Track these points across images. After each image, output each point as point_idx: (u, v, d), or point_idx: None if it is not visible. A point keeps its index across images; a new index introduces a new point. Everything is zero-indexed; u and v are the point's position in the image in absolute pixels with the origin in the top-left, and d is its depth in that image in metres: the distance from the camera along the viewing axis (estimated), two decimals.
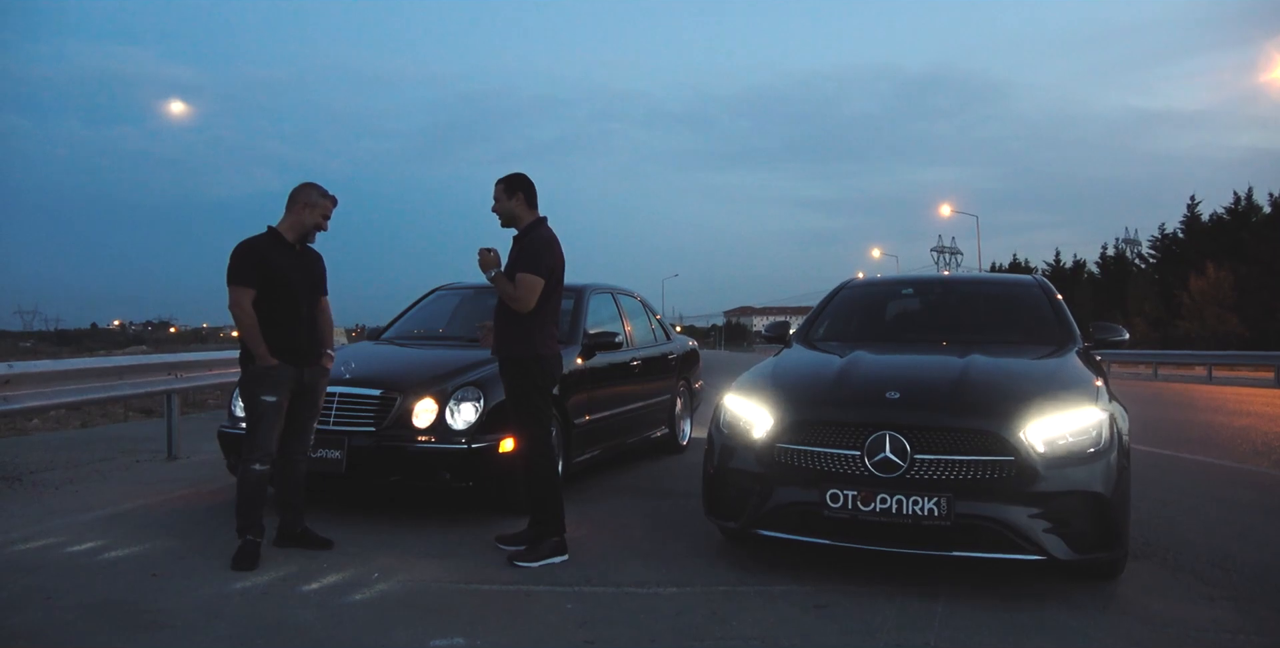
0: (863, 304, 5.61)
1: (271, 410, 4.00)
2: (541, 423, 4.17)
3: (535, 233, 4.26)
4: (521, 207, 4.28)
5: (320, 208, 4.16)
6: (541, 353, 4.15)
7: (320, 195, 4.18)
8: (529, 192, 4.30)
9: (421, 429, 4.64)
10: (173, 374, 6.89)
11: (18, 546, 4.16)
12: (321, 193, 4.19)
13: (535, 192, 4.34)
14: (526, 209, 4.29)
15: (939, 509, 3.45)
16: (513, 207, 4.28)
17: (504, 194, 4.29)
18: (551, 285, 4.18)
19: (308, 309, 4.18)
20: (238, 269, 4.01)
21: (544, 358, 4.16)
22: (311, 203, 4.15)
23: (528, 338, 4.14)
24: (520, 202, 4.27)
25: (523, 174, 4.36)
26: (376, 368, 5.06)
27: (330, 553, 4.07)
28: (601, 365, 5.95)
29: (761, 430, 3.87)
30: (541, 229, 4.28)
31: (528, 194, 4.30)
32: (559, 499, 4.14)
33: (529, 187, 4.31)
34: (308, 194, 4.16)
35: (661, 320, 7.74)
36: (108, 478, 6.00)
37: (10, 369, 5.02)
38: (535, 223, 4.29)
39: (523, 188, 4.30)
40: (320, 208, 4.16)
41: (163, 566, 3.84)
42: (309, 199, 4.15)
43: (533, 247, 4.18)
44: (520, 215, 4.28)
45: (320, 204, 4.16)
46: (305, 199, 4.15)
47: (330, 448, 4.58)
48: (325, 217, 4.19)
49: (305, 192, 4.17)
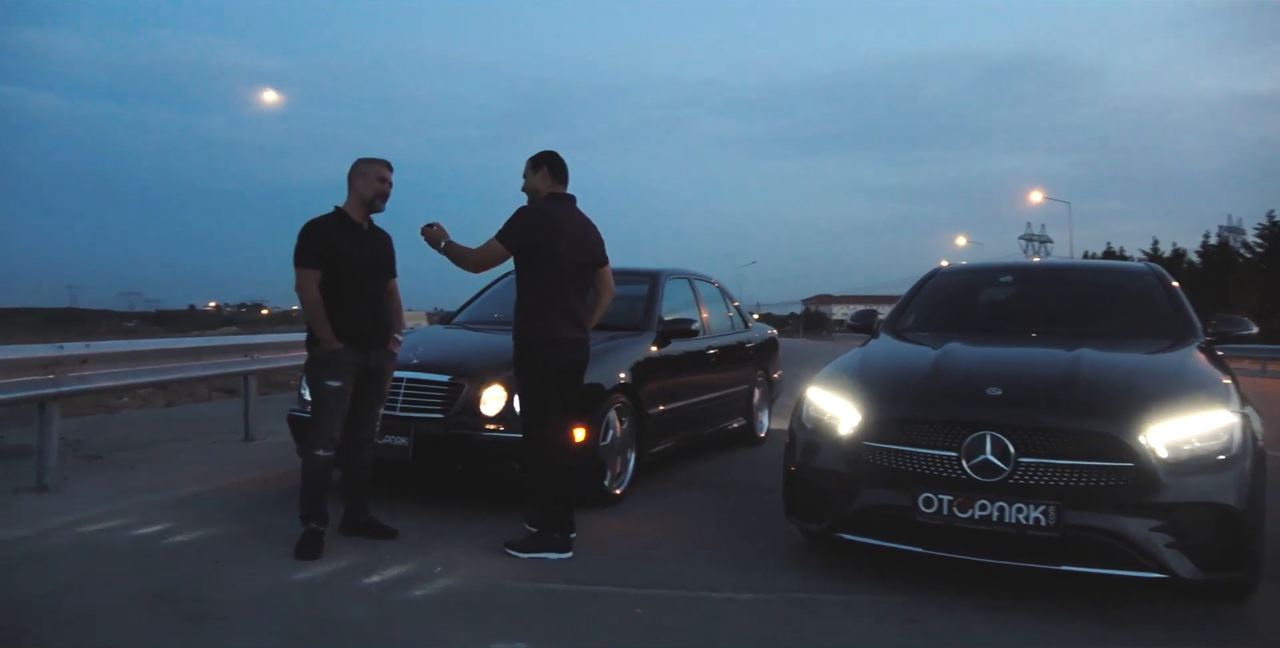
0: (957, 292, 5.24)
1: (335, 396, 3.88)
2: (546, 411, 3.95)
3: (534, 205, 4.07)
4: (545, 181, 4.09)
5: (372, 173, 4.01)
6: (548, 337, 3.93)
7: (367, 163, 4.04)
8: (555, 167, 4.10)
9: (490, 417, 4.48)
10: (248, 356, 6.89)
11: (86, 526, 4.13)
12: (370, 160, 4.05)
13: (563, 169, 4.13)
14: (549, 184, 4.09)
15: (1046, 519, 3.13)
16: (536, 181, 4.09)
17: (530, 170, 4.11)
18: (543, 261, 3.95)
19: (374, 292, 4.04)
20: (303, 250, 3.90)
21: (551, 342, 3.94)
22: (362, 172, 4.01)
23: (533, 321, 3.96)
24: (544, 176, 4.08)
25: (552, 151, 4.17)
26: (445, 353, 4.92)
27: (393, 544, 3.94)
28: (676, 354, 5.71)
29: (847, 427, 3.59)
30: (545, 202, 4.07)
31: (553, 169, 4.10)
32: (567, 494, 3.94)
33: (555, 162, 4.11)
34: (358, 166, 4.04)
35: (739, 307, 7.46)
36: (183, 459, 6.03)
37: (87, 349, 5.04)
38: (548, 197, 4.09)
39: (548, 162, 4.11)
40: (372, 173, 4.01)
41: (225, 552, 3.76)
42: (359, 170, 4.02)
43: (514, 215, 4.00)
44: (540, 190, 4.09)
45: (370, 170, 4.01)
46: (357, 171, 4.02)
47: (397, 434, 4.46)
48: (381, 179, 4.02)
49: (355, 165, 4.05)
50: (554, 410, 3.97)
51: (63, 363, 4.87)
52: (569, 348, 3.99)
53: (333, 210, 4.02)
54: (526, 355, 3.96)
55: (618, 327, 5.53)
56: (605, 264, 4.26)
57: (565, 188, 4.14)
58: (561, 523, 3.89)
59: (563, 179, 4.12)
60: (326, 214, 4.01)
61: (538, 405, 3.95)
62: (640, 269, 6.21)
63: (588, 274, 4.14)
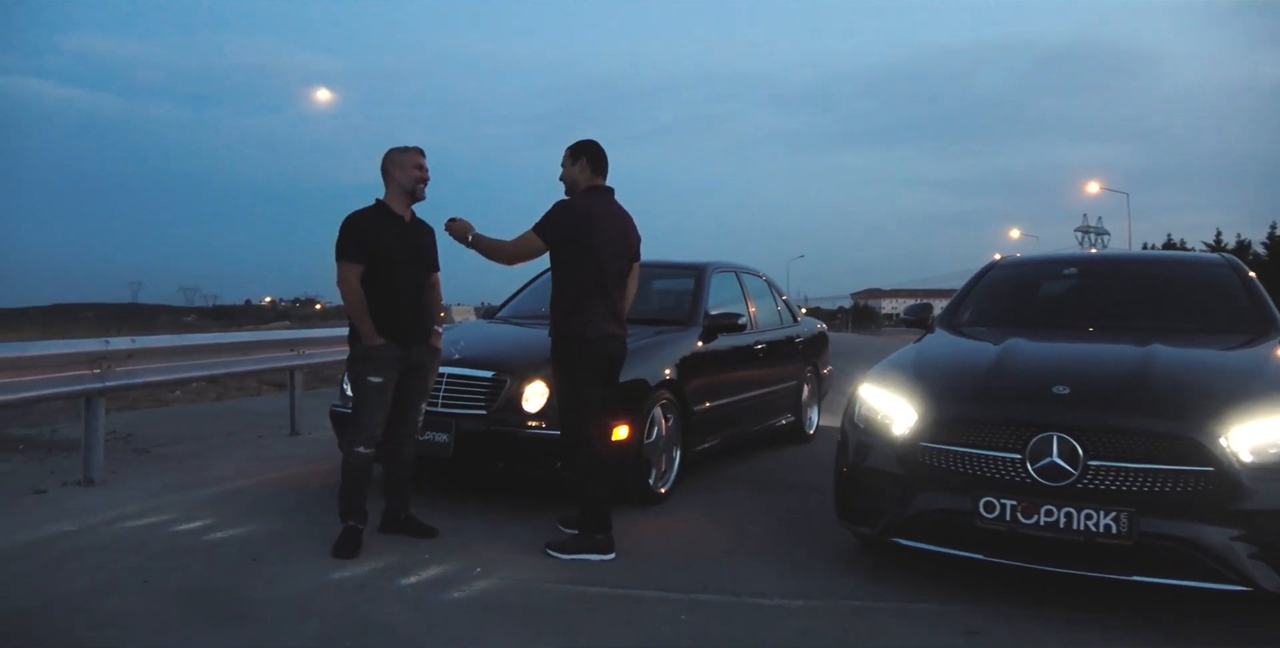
0: (1016, 285, 5.02)
1: (377, 391, 3.80)
2: (584, 408, 3.83)
3: (573, 198, 3.94)
4: (584, 173, 3.96)
5: (408, 162, 3.92)
6: (587, 333, 3.81)
7: (400, 152, 3.95)
8: (594, 158, 3.97)
9: (532, 414, 4.38)
10: (294, 351, 6.90)
11: (130, 522, 4.12)
12: (400, 149, 3.96)
13: (604, 160, 4.00)
14: (588, 176, 3.96)
15: (1118, 526, 2.94)
16: (575, 172, 3.96)
17: (569, 160, 3.99)
18: (580, 255, 3.82)
19: (416, 286, 3.96)
20: (344, 244, 3.82)
21: (590, 338, 3.81)
22: (398, 162, 3.92)
23: (570, 316, 3.84)
24: (583, 167, 3.95)
25: (592, 141, 4.03)
26: (487, 348, 4.83)
27: (433, 543, 3.86)
28: (723, 349, 5.56)
29: (903, 426, 3.43)
30: (583, 195, 3.93)
31: (592, 161, 3.96)
32: (602, 493, 3.81)
33: (594, 153, 3.98)
34: (390, 156, 3.95)
35: (788, 301, 7.28)
36: (229, 453, 6.04)
37: (133, 344, 5.04)
38: (587, 189, 3.95)
39: (587, 153, 3.97)
40: (408, 162, 3.92)
41: (264, 550, 3.71)
42: (394, 160, 3.93)
43: (552, 208, 3.88)
44: (578, 182, 3.96)
45: (403, 159, 3.93)
46: (391, 162, 3.93)
47: (438, 431, 4.38)
48: (417, 167, 3.93)
49: (387, 156, 3.96)
50: (592, 408, 3.85)
51: (108, 358, 4.87)
52: (608, 344, 3.88)
53: (373, 203, 3.94)
54: (564, 351, 3.85)
55: (663, 321, 5.42)
56: (638, 260, 4.14)
57: (604, 180, 4.03)
58: (602, 523, 3.78)
59: (602, 171, 4.01)
60: (367, 207, 3.94)
61: (575, 403, 3.84)
62: (686, 262, 6.07)
63: (625, 269, 4.02)
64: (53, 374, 4.59)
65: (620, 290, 3.98)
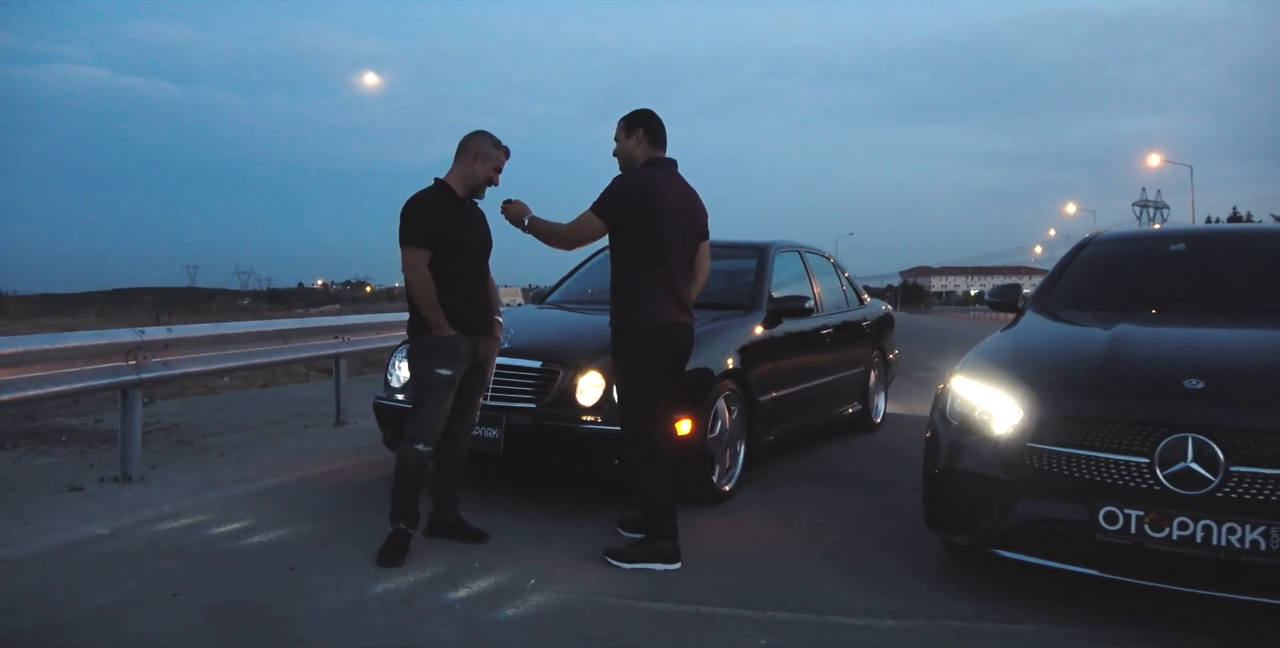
0: (1116, 263, 4.56)
1: (445, 386, 3.54)
2: (648, 404, 3.50)
3: (632, 173, 3.58)
4: (641, 145, 3.60)
5: (493, 160, 3.63)
6: (651, 321, 3.47)
7: (493, 145, 3.63)
8: (651, 128, 3.61)
9: (586, 408, 4.07)
10: (339, 338, 6.68)
11: (165, 523, 3.90)
12: (494, 143, 3.65)
13: (661, 130, 3.63)
14: (646, 148, 3.60)
15: (1267, 542, 2.54)
16: (631, 146, 3.60)
17: (623, 132, 3.63)
18: (643, 236, 3.47)
19: (481, 273, 3.70)
20: (410, 228, 3.52)
21: (655, 327, 3.47)
22: (484, 153, 3.61)
23: (633, 303, 3.49)
24: (640, 139, 3.59)
25: (648, 109, 3.66)
26: (538, 336, 4.52)
27: (483, 548, 3.58)
28: (788, 334, 5.19)
29: (1005, 425, 3.05)
30: (644, 169, 3.57)
31: (650, 131, 3.60)
32: (667, 497, 3.48)
33: (651, 122, 3.61)
34: (479, 143, 3.63)
35: (853, 282, 6.88)
36: (273, 444, 5.83)
37: (170, 333, 4.82)
38: (646, 163, 3.59)
39: (643, 122, 3.61)
40: (493, 160, 3.63)
41: (304, 556, 3.45)
42: (481, 149, 3.61)
43: (610, 185, 3.52)
44: (636, 155, 3.60)
45: (493, 156, 3.62)
46: (478, 149, 3.61)
47: (488, 426, 4.08)
48: (497, 170, 3.66)
49: (477, 140, 3.63)
50: (656, 402, 3.53)
51: (144, 348, 4.66)
52: (675, 333, 3.54)
53: (433, 183, 3.65)
54: (626, 342, 3.53)
55: (723, 305, 5.06)
56: (706, 238, 3.79)
57: (664, 151, 3.67)
58: (667, 530, 3.46)
59: (661, 142, 3.65)
60: (428, 188, 3.64)
61: (638, 397, 3.51)
62: (747, 242, 5.70)
63: (692, 249, 3.67)
64: (86, 367, 4.39)
65: (687, 273, 3.64)
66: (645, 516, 3.53)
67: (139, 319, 21.90)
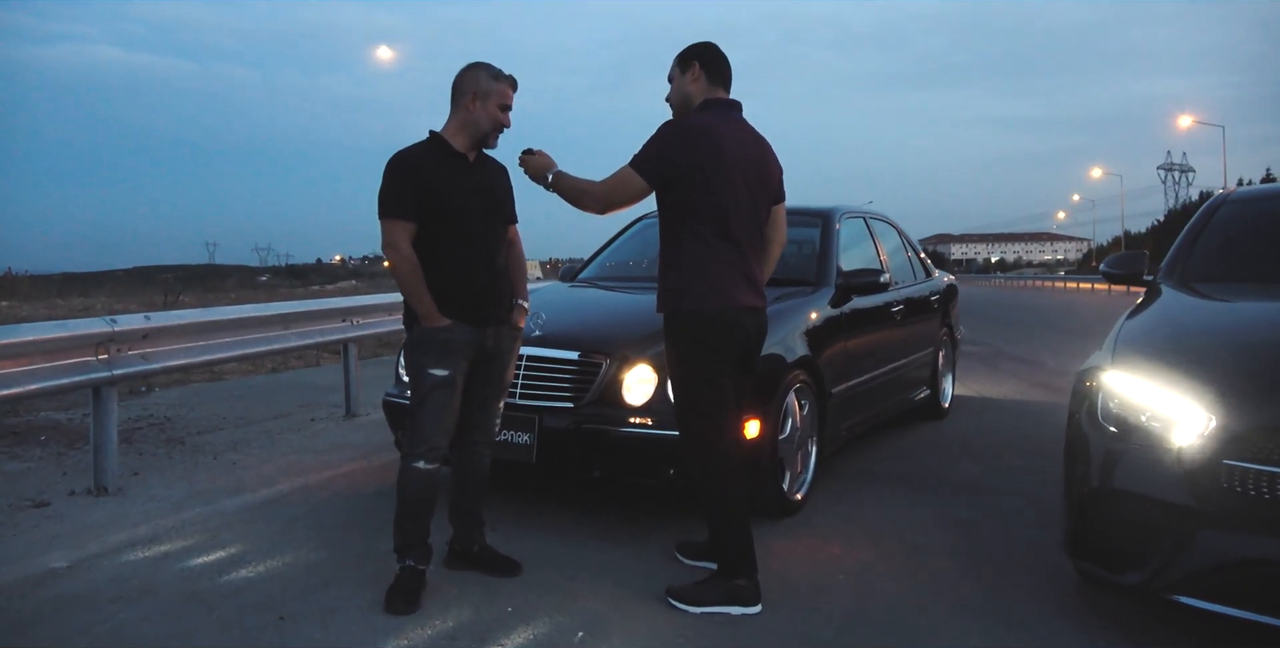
0: (1259, 226, 3.81)
1: (442, 389, 2.84)
2: (713, 405, 2.80)
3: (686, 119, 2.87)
4: (698, 84, 2.88)
5: (496, 96, 2.87)
6: (715, 306, 2.77)
7: (492, 77, 2.88)
8: (711, 63, 2.89)
9: (635, 407, 3.39)
10: (347, 321, 6.03)
11: (136, 552, 3.27)
12: (494, 74, 2.90)
13: (724, 64, 2.92)
14: (704, 87, 2.88)
15: None
16: (686, 85, 2.89)
17: (676, 70, 2.92)
18: (701, 197, 2.76)
19: (491, 245, 2.93)
20: (390, 194, 2.80)
21: (720, 313, 2.77)
22: (483, 91, 2.86)
23: (690, 283, 2.79)
24: (696, 77, 2.88)
25: (707, 42, 2.95)
26: (574, 322, 3.82)
27: (516, 584, 2.93)
28: (859, 313, 4.49)
29: (1190, 435, 2.35)
30: (700, 114, 2.86)
31: (709, 66, 2.89)
32: (742, 524, 2.81)
33: (710, 55, 2.90)
34: (474, 79, 2.88)
35: (918, 250, 6.14)
36: (275, 442, 5.21)
37: (148, 322, 4.17)
38: (703, 105, 2.88)
39: (700, 57, 2.89)
40: (496, 96, 2.87)
41: (297, 601, 2.80)
42: (479, 86, 2.86)
43: (658, 132, 2.80)
44: (692, 97, 2.89)
45: (495, 90, 2.87)
46: (472, 87, 2.87)
47: (517, 430, 3.42)
48: (504, 107, 2.90)
49: (470, 75, 2.89)
50: (723, 407, 2.84)
51: (117, 340, 4.02)
52: (744, 320, 2.84)
53: (427, 137, 2.93)
54: (684, 333, 2.82)
55: (784, 280, 4.33)
56: (782, 201, 3.08)
57: (728, 92, 2.96)
58: (744, 565, 2.79)
59: (723, 79, 2.93)
60: (418, 143, 2.92)
61: (700, 401, 2.82)
62: (806, 207, 4.95)
63: (763, 215, 2.96)
64: (45, 364, 3.75)
65: (757, 246, 2.93)
66: (715, 546, 2.87)
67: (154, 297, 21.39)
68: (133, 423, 5.74)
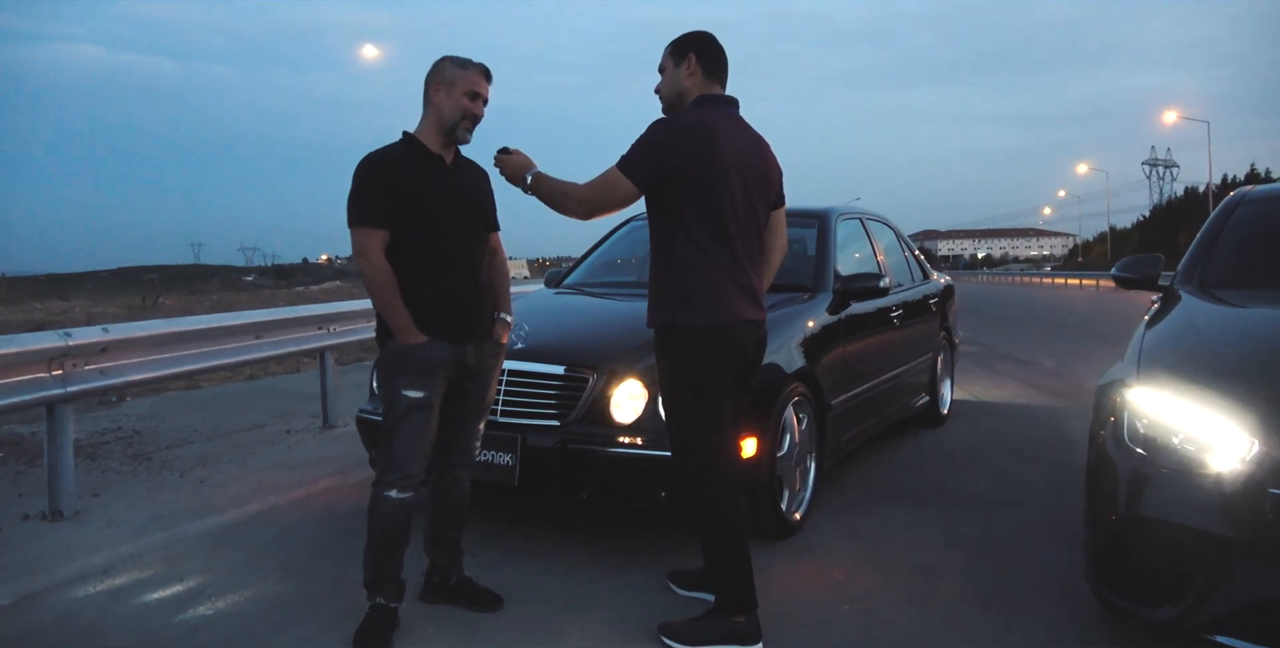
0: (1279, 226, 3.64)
1: (418, 411, 2.61)
2: (707, 424, 2.59)
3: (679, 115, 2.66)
4: (694, 78, 2.66)
5: (463, 83, 2.64)
6: (710, 319, 2.55)
7: (458, 66, 2.66)
8: (707, 55, 2.67)
9: (624, 426, 3.17)
10: (324, 328, 5.79)
11: (89, 585, 3.03)
12: (459, 62, 2.68)
13: (721, 58, 2.70)
14: (700, 81, 2.67)
15: None
16: (680, 78, 2.67)
17: (669, 61, 2.70)
18: (696, 200, 2.54)
19: (471, 253, 2.71)
20: (361, 199, 2.57)
21: (717, 326, 2.56)
22: (447, 80, 2.64)
23: (684, 293, 2.57)
24: (692, 70, 2.66)
25: (705, 32, 2.72)
26: (559, 333, 3.60)
27: (498, 620, 2.72)
28: (858, 318, 4.28)
29: (1230, 459, 2.16)
30: (694, 110, 2.64)
31: (705, 58, 2.67)
32: (741, 556, 2.59)
33: (707, 46, 2.68)
34: (438, 70, 2.66)
35: (916, 253, 5.95)
36: (247, 457, 4.97)
37: (106, 335, 3.92)
38: (698, 102, 2.66)
39: (696, 49, 2.67)
40: (463, 83, 2.64)
41: (259, 641, 2.58)
42: (441, 76, 2.65)
43: (649, 130, 2.57)
44: (687, 91, 2.67)
45: (461, 78, 2.64)
46: (438, 79, 2.65)
47: (498, 449, 3.20)
48: (473, 95, 2.66)
49: (436, 69, 2.67)
50: (719, 427, 2.62)
51: (72, 355, 3.78)
52: (743, 334, 2.63)
53: (400, 138, 2.71)
54: (676, 348, 2.60)
55: (781, 286, 4.12)
56: (782, 205, 2.87)
57: (724, 88, 2.74)
58: (743, 596, 2.58)
59: (719, 73, 2.72)
60: (391, 144, 2.69)
61: (696, 417, 2.60)
62: (801, 208, 4.72)
63: (762, 219, 2.75)
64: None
65: (755, 253, 2.72)
66: (712, 577, 2.66)
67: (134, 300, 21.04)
68: (98, 436, 5.49)
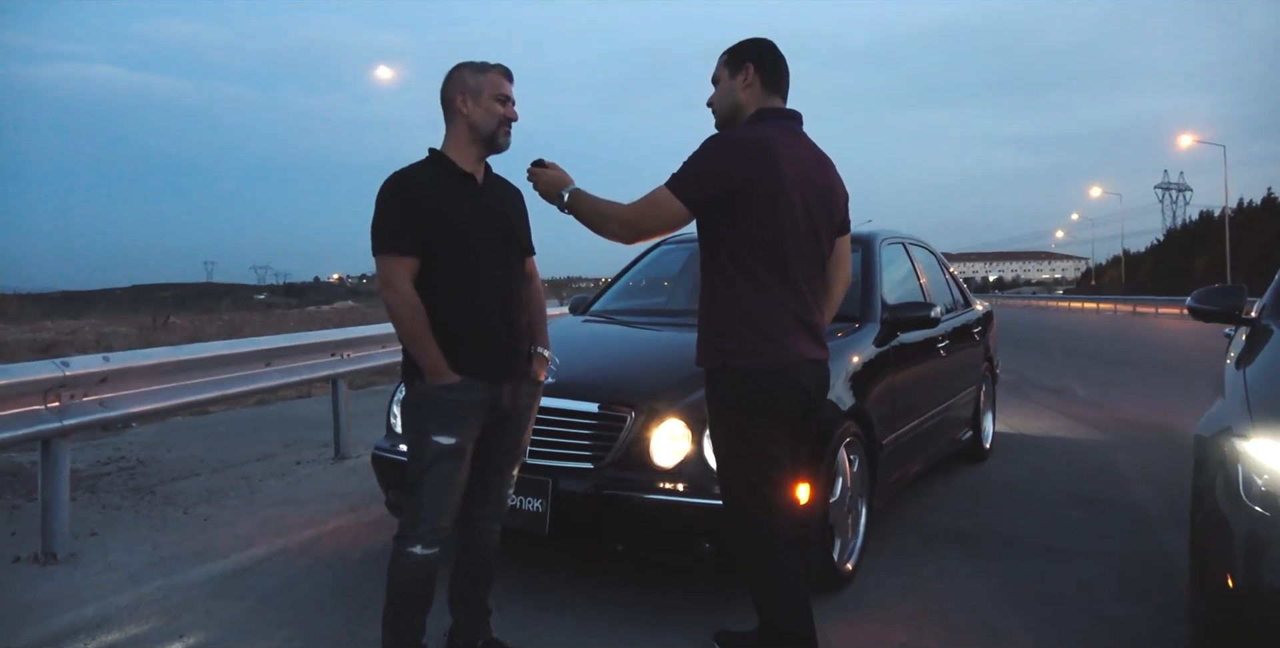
0: None
1: (448, 460, 2.34)
2: (762, 472, 2.33)
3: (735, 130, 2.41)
4: (752, 90, 2.42)
5: (489, 89, 2.39)
6: (769, 359, 2.30)
7: (475, 73, 2.41)
8: (766, 65, 2.43)
9: (665, 470, 2.90)
10: (336, 355, 5.54)
11: (75, 643, 2.76)
12: (477, 67, 2.42)
13: (781, 69, 2.46)
14: (758, 94, 2.42)
15: None
16: (736, 90, 2.43)
17: (725, 71, 2.46)
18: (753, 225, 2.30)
19: (506, 282, 2.44)
20: (387, 225, 2.32)
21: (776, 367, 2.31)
22: (471, 89, 2.39)
23: (732, 328, 2.33)
24: (749, 81, 2.42)
25: (764, 40, 2.48)
26: (592, 367, 3.34)
27: None
28: (903, 350, 4.01)
29: None
30: (752, 126, 2.39)
31: (765, 70, 2.43)
32: (801, 619, 2.35)
33: (766, 56, 2.44)
34: (458, 80, 2.41)
35: (958, 279, 5.68)
36: (254, 491, 4.70)
37: (107, 364, 3.68)
38: (756, 116, 2.41)
39: (754, 58, 2.43)
40: (489, 89, 2.39)
41: None
42: (465, 86, 2.39)
43: (702, 147, 2.33)
44: (744, 105, 2.43)
45: (484, 85, 2.39)
46: (459, 88, 2.40)
47: (528, 494, 2.93)
48: (502, 99, 2.40)
49: (453, 79, 2.42)
50: (776, 474, 2.36)
51: (70, 386, 3.53)
52: (804, 376, 2.36)
53: (427, 155, 2.45)
54: (729, 392, 2.35)
55: None
56: (847, 232, 2.61)
57: (784, 101, 2.50)
58: None
59: (779, 85, 2.47)
60: (418, 162, 2.43)
61: (749, 466, 2.34)
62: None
63: (826, 248, 2.49)
64: None
65: (818, 285, 2.46)
66: (766, 639, 2.38)
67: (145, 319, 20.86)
68: (100, 467, 5.24)
